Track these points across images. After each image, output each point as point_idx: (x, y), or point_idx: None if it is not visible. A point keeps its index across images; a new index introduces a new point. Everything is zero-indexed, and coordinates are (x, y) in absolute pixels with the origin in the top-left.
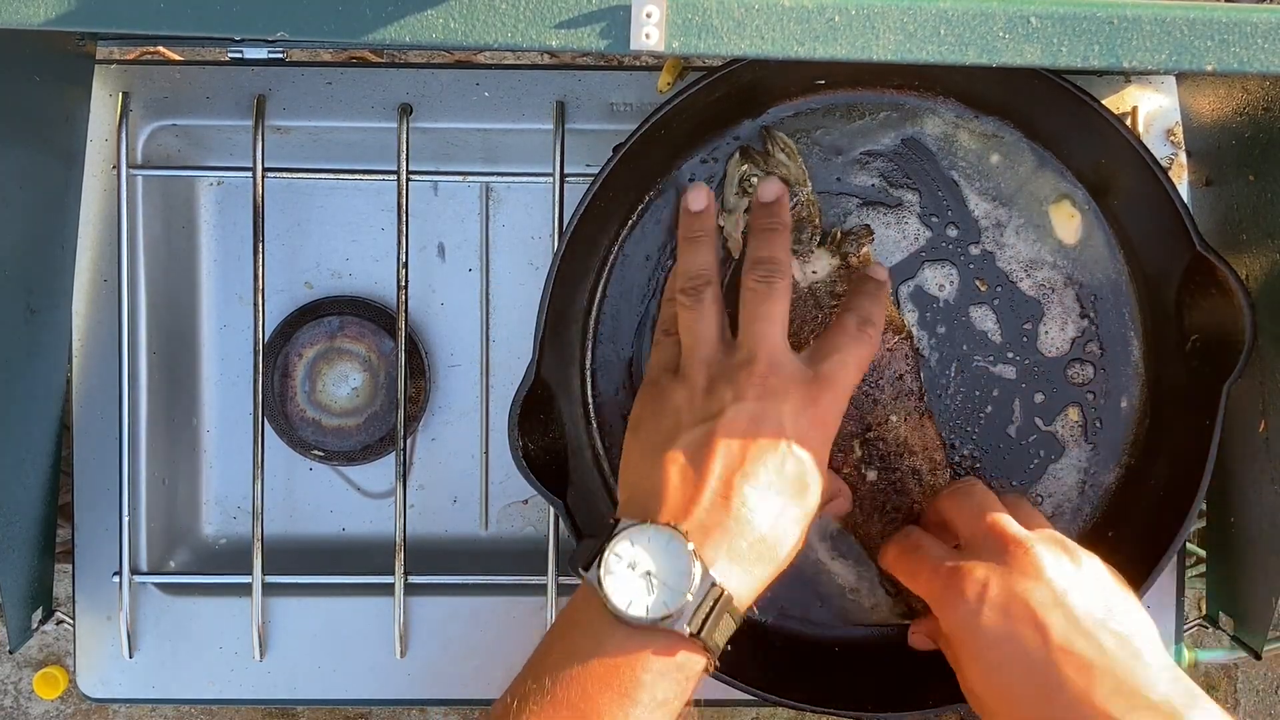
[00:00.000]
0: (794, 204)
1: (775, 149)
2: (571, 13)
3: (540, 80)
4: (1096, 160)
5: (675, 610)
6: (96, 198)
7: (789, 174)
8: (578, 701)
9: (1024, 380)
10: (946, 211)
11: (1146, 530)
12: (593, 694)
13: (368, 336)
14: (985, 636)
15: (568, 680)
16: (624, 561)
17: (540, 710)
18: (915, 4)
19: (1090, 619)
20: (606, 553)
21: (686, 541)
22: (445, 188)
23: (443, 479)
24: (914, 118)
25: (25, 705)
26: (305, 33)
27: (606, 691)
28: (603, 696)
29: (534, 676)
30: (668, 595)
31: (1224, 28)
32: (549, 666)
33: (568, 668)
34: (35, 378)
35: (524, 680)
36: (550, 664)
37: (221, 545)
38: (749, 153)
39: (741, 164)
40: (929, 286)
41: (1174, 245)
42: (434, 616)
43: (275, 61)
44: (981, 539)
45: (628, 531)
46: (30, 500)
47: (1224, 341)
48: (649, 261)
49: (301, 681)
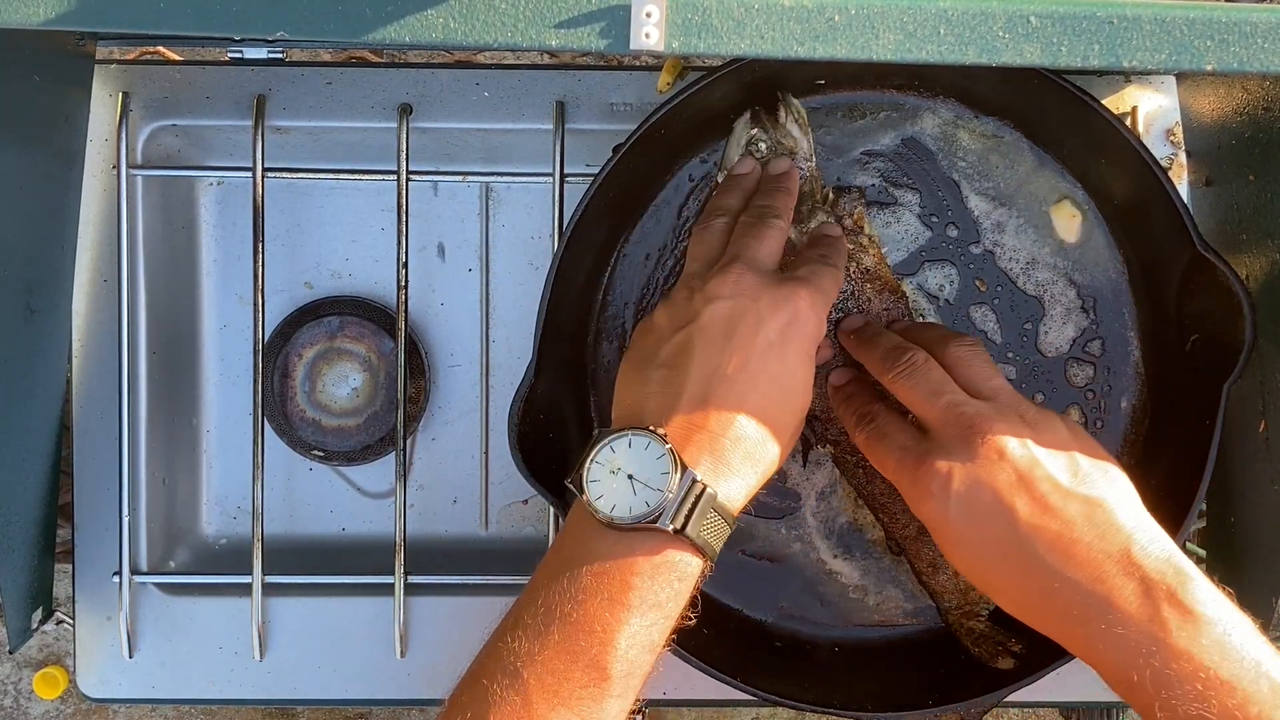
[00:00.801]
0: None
1: (789, 118)
2: (571, 13)
3: (540, 80)
4: (1097, 161)
5: (656, 508)
6: (96, 198)
7: (796, 146)
8: (569, 611)
9: (1024, 380)
10: (946, 211)
11: None
12: (583, 601)
13: (368, 336)
14: (956, 528)
15: (559, 591)
16: (605, 468)
17: (533, 622)
18: (915, 4)
19: (1056, 492)
20: (588, 460)
21: (664, 443)
22: (445, 188)
23: (443, 479)
24: (914, 118)
25: (25, 705)
26: (305, 33)
27: (595, 597)
28: (592, 602)
29: (528, 591)
30: (649, 495)
31: (1224, 27)
32: (543, 580)
33: (559, 578)
34: (35, 378)
35: (521, 598)
36: (543, 577)
37: (221, 545)
38: (759, 116)
39: (751, 126)
40: (929, 286)
41: (1174, 245)
42: (434, 616)
43: (275, 61)
44: (939, 426)
45: (609, 439)
46: (30, 500)
47: (1224, 342)
48: (650, 261)
49: (301, 681)
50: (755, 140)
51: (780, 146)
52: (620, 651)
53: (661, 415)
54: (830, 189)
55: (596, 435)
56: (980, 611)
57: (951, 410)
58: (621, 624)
